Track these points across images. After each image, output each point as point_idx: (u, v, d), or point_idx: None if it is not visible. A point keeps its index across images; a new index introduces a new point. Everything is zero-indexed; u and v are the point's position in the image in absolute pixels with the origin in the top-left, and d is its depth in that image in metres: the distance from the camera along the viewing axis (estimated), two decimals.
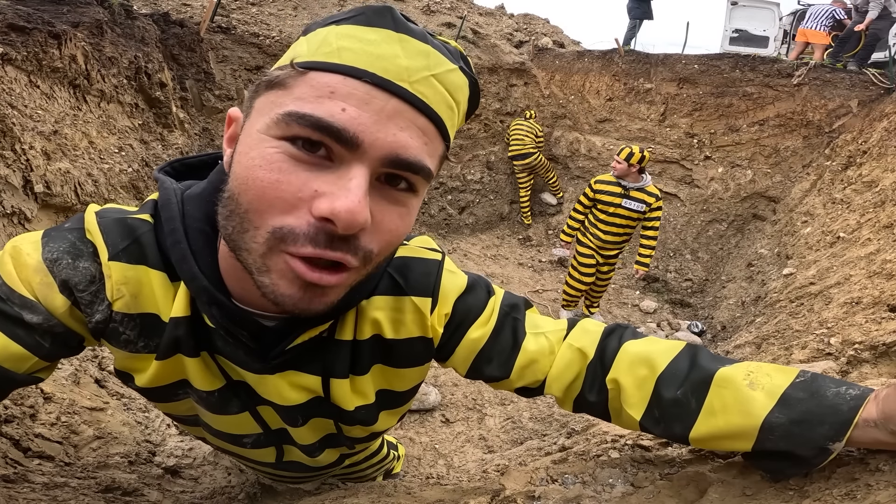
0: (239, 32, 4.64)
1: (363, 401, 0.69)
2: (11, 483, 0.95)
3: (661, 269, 5.51)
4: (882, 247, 2.77)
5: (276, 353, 0.58)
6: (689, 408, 0.61)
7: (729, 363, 0.62)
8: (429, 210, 6.06)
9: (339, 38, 0.43)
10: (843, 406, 0.53)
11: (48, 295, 0.54)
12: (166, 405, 0.69)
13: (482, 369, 0.70)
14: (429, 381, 3.07)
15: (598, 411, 0.70)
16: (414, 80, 0.43)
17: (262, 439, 0.74)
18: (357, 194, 0.41)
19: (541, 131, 6.25)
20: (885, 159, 3.65)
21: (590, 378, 0.68)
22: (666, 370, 0.63)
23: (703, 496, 0.65)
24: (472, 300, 0.69)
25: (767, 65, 5.33)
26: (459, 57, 0.49)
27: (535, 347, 0.70)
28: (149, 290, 0.57)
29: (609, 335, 0.71)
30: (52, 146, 2.23)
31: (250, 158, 0.43)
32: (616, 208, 3.39)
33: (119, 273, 0.55)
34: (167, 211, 0.55)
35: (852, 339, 1.76)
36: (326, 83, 0.42)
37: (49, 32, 2.39)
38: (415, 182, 0.46)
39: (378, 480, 1.39)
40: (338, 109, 0.41)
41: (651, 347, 0.67)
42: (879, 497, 0.49)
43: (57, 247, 0.54)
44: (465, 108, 0.52)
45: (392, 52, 0.42)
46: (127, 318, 0.57)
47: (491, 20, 7.53)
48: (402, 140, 0.43)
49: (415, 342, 0.67)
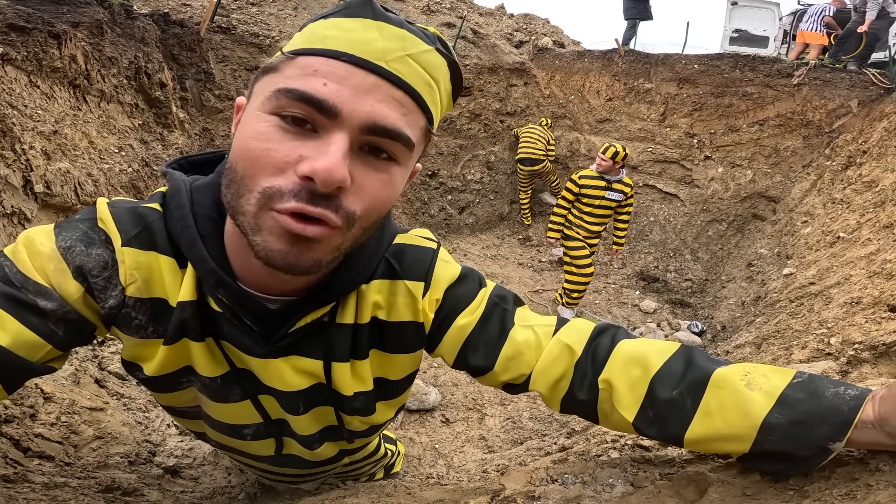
0: (239, 32, 4.64)
1: (362, 387, 0.71)
2: (11, 483, 0.95)
3: (661, 269, 5.51)
4: (882, 247, 2.77)
5: (280, 336, 0.61)
6: (684, 409, 0.60)
7: (724, 364, 0.62)
8: (429, 210, 6.06)
9: (325, 28, 0.49)
10: (843, 406, 0.53)
11: (62, 282, 0.55)
12: (170, 395, 0.70)
13: (468, 358, 0.70)
14: (429, 381, 3.07)
15: (586, 412, 0.69)
16: (390, 59, 0.48)
17: (262, 430, 0.75)
18: (336, 156, 0.46)
19: (553, 140, 6.23)
20: (885, 159, 3.65)
21: (579, 376, 0.67)
22: (660, 370, 0.62)
23: (703, 496, 0.65)
24: (463, 290, 0.70)
25: (767, 65, 5.34)
26: (436, 40, 0.53)
27: (521, 339, 0.69)
28: (158, 275, 0.59)
29: (600, 334, 0.70)
30: (52, 146, 2.23)
31: (246, 132, 0.49)
32: (601, 200, 3.79)
33: (132, 258, 0.57)
34: (177, 199, 0.59)
35: (852, 339, 1.76)
36: (310, 64, 0.48)
37: (49, 32, 2.39)
38: (395, 150, 0.50)
39: (378, 477, 1.39)
40: (320, 84, 0.47)
41: (645, 348, 0.66)
42: (879, 497, 0.49)
43: (70, 235, 0.57)
44: (448, 87, 0.56)
45: (370, 37, 0.48)
46: (139, 302, 0.59)
47: (491, 20, 7.53)
48: (379, 110, 0.48)
49: (406, 326, 0.69)
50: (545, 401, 0.72)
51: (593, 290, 4.94)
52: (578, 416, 0.71)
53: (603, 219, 3.90)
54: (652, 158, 6.06)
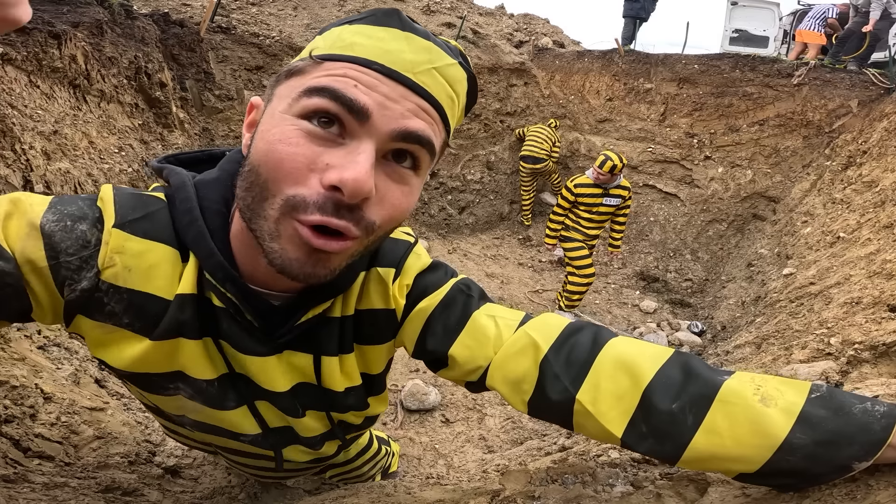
0: (239, 32, 4.63)
1: (351, 382, 0.70)
2: (11, 483, 0.95)
3: (661, 269, 5.51)
4: (882, 247, 2.77)
5: (284, 331, 0.61)
6: (684, 425, 0.54)
7: (728, 374, 0.57)
8: (429, 210, 6.05)
9: (352, 35, 0.49)
10: (875, 425, 0.49)
11: (27, 245, 0.51)
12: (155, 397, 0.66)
13: (426, 342, 0.66)
14: (429, 382, 3.07)
15: (559, 419, 0.62)
16: (418, 72, 0.49)
17: (259, 440, 0.72)
18: (364, 166, 0.46)
19: (559, 141, 6.22)
20: (885, 159, 3.65)
21: (549, 378, 0.60)
22: (655, 380, 0.56)
23: (703, 496, 0.66)
24: (433, 277, 0.70)
25: (767, 65, 5.33)
26: (459, 54, 0.54)
27: (481, 328, 0.65)
28: (152, 267, 0.56)
29: (578, 331, 0.63)
30: (52, 146, 2.23)
31: (272, 135, 0.48)
32: (598, 207, 3.74)
33: (118, 242, 0.54)
34: (183, 192, 0.58)
35: (852, 339, 1.76)
36: (340, 68, 0.48)
37: (49, 32, 2.38)
38: (419, 157, 0.51)
39: (377, 480, 1.39)
40: (350, 86, 0.47)
41: (634, 352, 0.60)
42: (879, 497, 0.49)
43: (62, 209, 0.54)
44: (465, 101, 0.57)
45: (398, 48, 0.48)
46: (113, 289, 0.55)
47: (491, 20, 7.53)
48: (408, 118, 0.48)
49: (378, 314, 0.68)
50: (507, 400, 0.65)
51: (593, 289, 4.93)
52: (549, 421, 0.65)
53: (601, 223, 3.88)
54: (652, 158, 6.05)
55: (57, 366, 1.55)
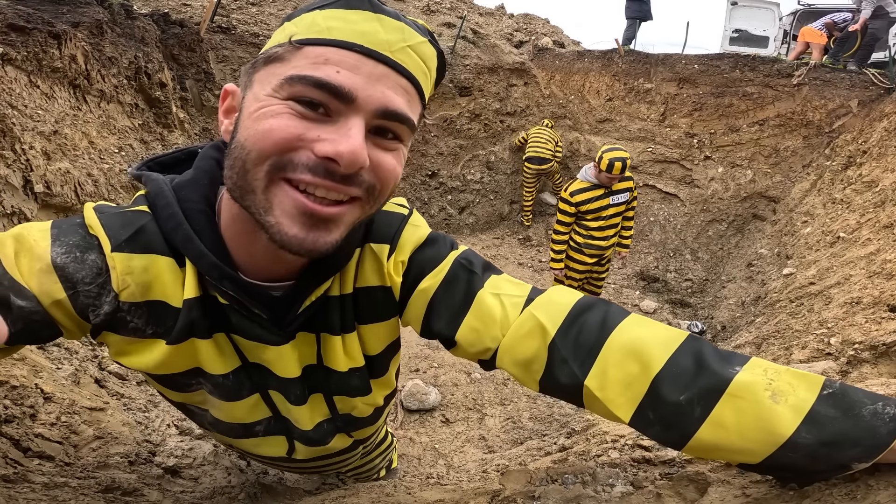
0: (239, 32, 4.63)
1: (354, 363, 0.71)
2: (11, 483, 0.95)
3: (661, 269, 5.51)
4: (882, 247, 2.77)
5: (291, 318, 0.62)
6: (691, 416, 0.54)
7: (739, 364, 0.55)
8: (429, 210, 6.05)
9: (325, 19, 0.50)
10: (882, 429, 0.48)
11: (44, 282, 0.54)
12: (181, 395, 0.70)
13: (432, 325, 0.66)
14: (429, 382, 3.07)
15: (569, 398, 0.62)
16: (394, 50, 0.51)
17: (272, 425, 0.75)
18: (358, 139, 0.48)
19: (561, 141, 6.24)
20: (885, 159, 3.65)
21: (558, 361, 0.60)
22: (665, 369, 0.55)
23: (703, 496, 0.66)
24: (432, 252, 0.68)
25: (767, 65, 5.34)
26: (427, 32, 0.57)
27: (487, 308, 0.63)
28: (157, 278, 0.58)
29: (586, 310, 0.62)
30: (52, 146, 2.23)
31: (259, 112, 0.49)
32: (606, 209, 3.25)
33: (123, 264, 0.56)
34: (162, 198, 0.58)
35: (852, 339, 1.76)
36: (321, 53, 0.49)
37: (49, 32, 2.38)
38: (401, 132, 0.53)
39: (381, 476, 1.40)
40: (333, 72, 0.48)
41: (645, 336, 0.58)
42: (879, 497, 0.49)
43: (67, 241, 0.56)
44: (435, 75, 0.60)
45: (373, 29, 0.50)
46: (134, 306, 0.58)
47: (491, 20, 7.53)
48: (390, 96, 0.50)
49: (375, 291, 0.68)
50: (517, 380, 0.66)
51: None
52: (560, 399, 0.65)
53: (615, 226, 3.36)
54: (652, 158, 6.05)
55: (57, 366, 1.55)
